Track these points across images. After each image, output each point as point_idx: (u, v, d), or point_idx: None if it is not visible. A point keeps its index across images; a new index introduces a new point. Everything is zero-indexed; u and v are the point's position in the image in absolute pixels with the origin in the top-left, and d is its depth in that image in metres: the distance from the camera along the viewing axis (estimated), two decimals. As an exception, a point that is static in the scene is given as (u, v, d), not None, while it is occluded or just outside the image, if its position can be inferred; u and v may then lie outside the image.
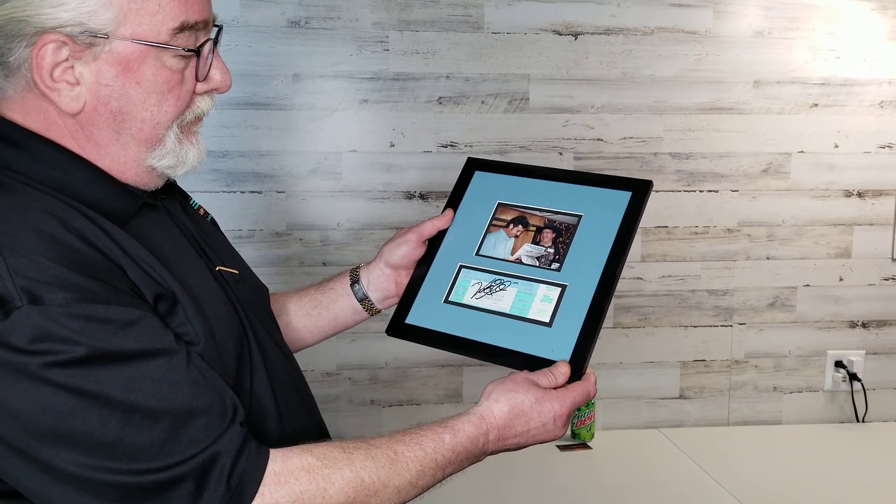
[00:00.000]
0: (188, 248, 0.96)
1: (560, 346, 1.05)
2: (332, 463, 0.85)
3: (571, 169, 1.23)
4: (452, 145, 2.13)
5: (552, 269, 1.12)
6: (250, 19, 2.04)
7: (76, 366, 0.74)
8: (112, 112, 0.86)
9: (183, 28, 0.86)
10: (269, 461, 0.83)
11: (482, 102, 2.14)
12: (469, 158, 1.26)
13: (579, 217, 1.14)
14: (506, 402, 0.97)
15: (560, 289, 1.09)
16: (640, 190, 1.13)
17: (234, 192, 2.09)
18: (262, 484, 0.81)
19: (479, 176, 1.24)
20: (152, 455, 0.77)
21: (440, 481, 0.93)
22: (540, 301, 1.09)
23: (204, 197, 1.99)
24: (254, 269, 1.15)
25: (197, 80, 0.90)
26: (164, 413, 0.78)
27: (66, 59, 0.83)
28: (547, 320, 1.08)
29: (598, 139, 2.18)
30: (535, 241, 1.15)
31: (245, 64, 2.05)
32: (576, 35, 2.15)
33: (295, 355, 1.15)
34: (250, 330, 0.97)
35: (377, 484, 0.86)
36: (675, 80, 2.19)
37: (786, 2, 2.20)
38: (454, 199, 1.23)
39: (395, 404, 2.20)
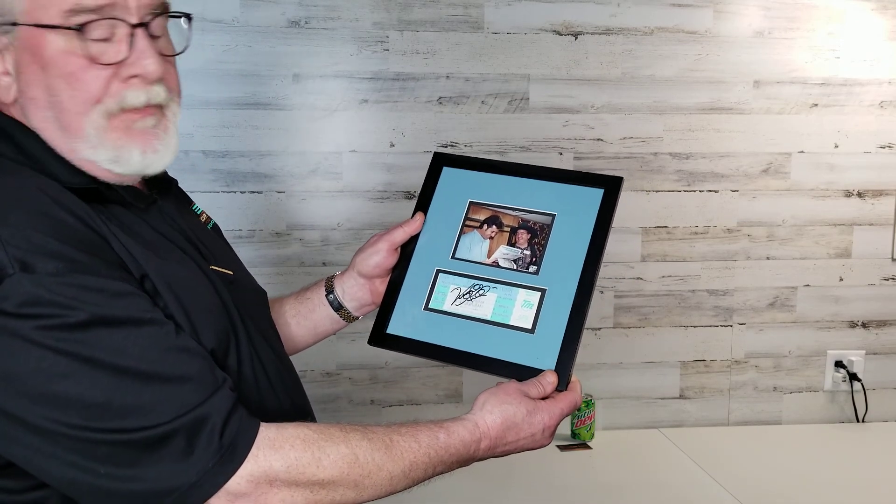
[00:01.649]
0: (176, 244, 0.96)
1: (544, 353, 1.05)
2: (328, 437, 0.86)
3: (540, 165, 1.22)
4: (452, 145, 2.13)
5: (530, 273, 1.11)
6: (250, 19, 2.04)
7: (68, 330, 0.76)
8: (32, 99, 0.87)
9: (78, 10, 0.84)
10: (264, 427, 0.84)
11: (482, 102, 2.14)
12: (435, 153, 1.24)
13: (553, 216, 1.13)
14: (499, 414, 0.99)
15: (540, 293, 1.09)
16: (612, 187, 1.12)
17: (234, 192, 2.09)
18: (255, 446, 0.82)
19: (447, 172, 1.22)
20: (141, 415, 0.78)
21: (429, 478, 0.94)
22: (521, 307, 1.09)
23: (204, 197, 2.00)
24: (254, 270, 1.16)
25: (99, 63, 0.86)
26: (153, 376, 0.80)
27: None
28: (529, 327, 1.07)
29: (598, 139, 2.18)
30: (511, 243, 1.13)
31: (245, 64, 2.05)
32: (576, 35, 2.15)
33: (292, 357, 1.15)
34: (241, 328, 0.97)
35: (371, 465, 0.88)
36: (675, 80, 2.19)
37: (786, 2, 2.20)
38: (424, 199, 1.20)
39: (395, 404, 2.20)
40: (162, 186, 1.01)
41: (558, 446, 2.13)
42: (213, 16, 2.02)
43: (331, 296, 1.22)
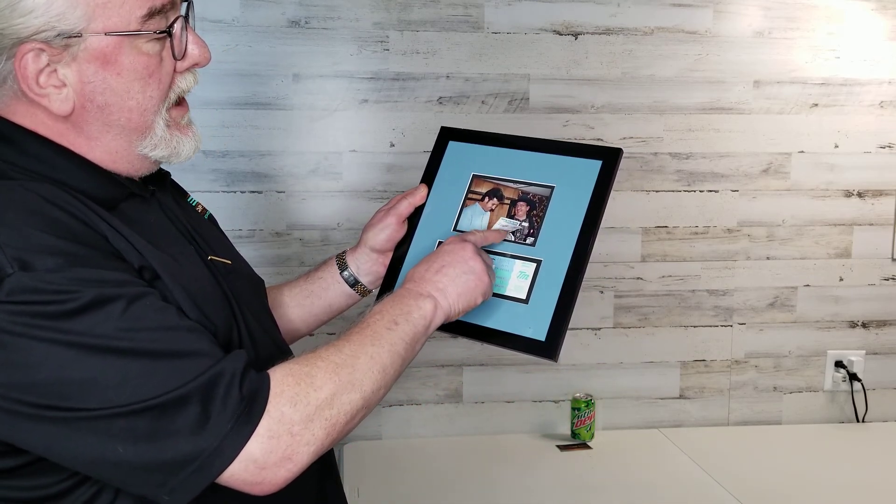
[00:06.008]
0: (177, 236, 0.97)
1: (536, 322, 1.08)
2: (305, 362, 0.87)
3: (544, 138, 1.24)
4: (452, 145, 2.13)
5: (527, 244, 1.13)
6: (250, 19, 2.04)
7: (71, 317, 0.76)
8: (99, 106, 0.88)
9: (151, 13, 0.88)
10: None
11: (482, 102, 2.14)
12: (442, 128, 1.26)
13: (552, 188, 1.15)
14: (419, 263, 1.06)
15: (535, 264, 1.12)
16: (609, 159, 1.14)
17: (234, 192, 2.09)
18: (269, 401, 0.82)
19: (453, 146, 1.25)
20: (154, 388, 0.77)
21: (407, 339, 0.96)
22: (517, 277, 1.12)
23: (204, 197, 1.99)
24: (254, 269, 1.16)
25: (175, 59, 0.92)
26: (164, 354, 0.79)
27: (48, 65, 0.85)
28: (524, 297, 1.10)
29: (598, 139, 2.18)
30: (510, 215, 1.16)
31: (245, 64, 2.05)
32: (576, 35, 2.15)
33: (293, 347, 1.15)
34: (241, 319, 0.98)
35: (348, 358, 0.88)
36: (675, 80, 2.19)
37: (786, 2, 2.20)
38: (429, 172, 1.24)
39: (395, 404, 2.20)
40: (157, 179, 1.01)
41: (558, 446, 2.13)
42: (213, 16, 2.02)
43: (345, 272, 1.25)
